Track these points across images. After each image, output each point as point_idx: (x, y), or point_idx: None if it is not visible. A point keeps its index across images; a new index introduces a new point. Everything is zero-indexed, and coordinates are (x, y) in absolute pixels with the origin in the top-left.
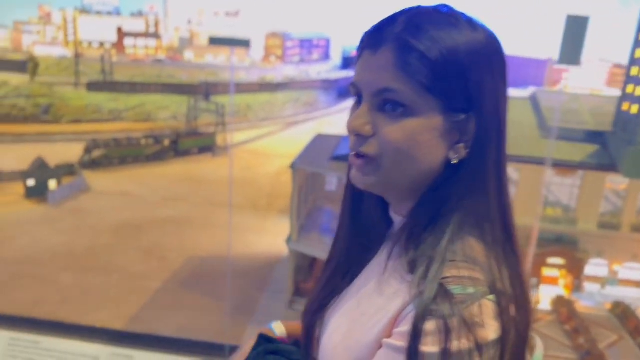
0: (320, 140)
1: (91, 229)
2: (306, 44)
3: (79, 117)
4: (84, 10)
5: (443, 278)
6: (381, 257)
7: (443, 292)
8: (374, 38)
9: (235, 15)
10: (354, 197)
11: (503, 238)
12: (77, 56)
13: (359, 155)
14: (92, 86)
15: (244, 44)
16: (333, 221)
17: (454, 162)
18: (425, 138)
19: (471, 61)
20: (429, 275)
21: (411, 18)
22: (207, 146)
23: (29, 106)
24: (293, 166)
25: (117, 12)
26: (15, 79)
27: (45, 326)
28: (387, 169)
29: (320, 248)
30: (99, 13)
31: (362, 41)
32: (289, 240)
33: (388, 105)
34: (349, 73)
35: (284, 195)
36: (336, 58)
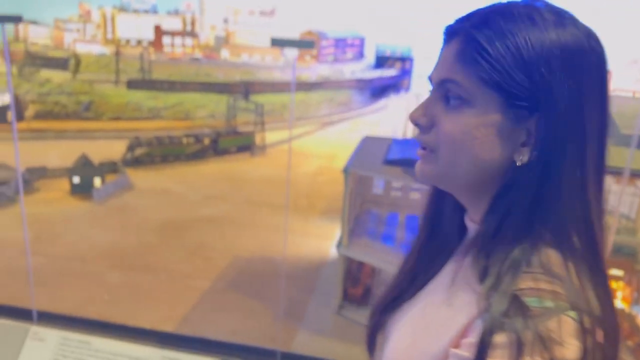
0: (369, 143)
1: (136, 227)
2: (341, 43)
3: (119, 115)
4: (122, 9)
5: (517, 289)
6: (451, 266)
7: (517, 304)
8: (447, 31)
9: (270, 14)
10: (436, 202)
11: (587, 253)
12: (117, 54)
13: (422, 147)
14: (132, 84)
15: (308, 45)
16: (381, 226)
17: (518, 164)
18: (481, 133)
19: (542, 59)
20: (501, 286)
21: (486, 12)
22: (245, 145)
23: (70, 103)
24: (345, 170)
25: (154, 10)
26: (58, 76)
27: (96, 326)
28: (444, 160)
29: (371, 254)
30: (136, 11)
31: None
32: (339, 245)
33: (448, 96)
34: (383, 72)
35: (324, 196)
36: (370, 57)
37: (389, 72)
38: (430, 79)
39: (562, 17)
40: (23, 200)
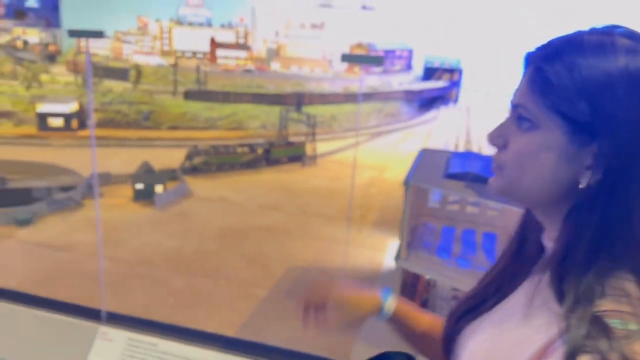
0: (428, 156)
1: (196, 233)
2: (389, 55)
3: (177, 124)
4: (179, 22)
5: (599, 311)
6: (529, 285)
7: (599, 326)
8: (525, 58)
9: (320, 27)
10: (526, 219)
11: None
12: (174, 66)
13: (494, 164)
14: (189, 95)
15: (377, 61)
16: (437, 239)
17: (581, 186)
18: (545, 155)
19: (606, 88)
20: (581, 308)
21: (560, 42)
22: (296, 155)
23: (131, 112)
24: (406, 182)
25: (209, 24)
26: (119, 86)
27: (162, 329)
28: (509, 176)
29: (429, 267)
30: (191, 24)
31: None
32: (397, 257)
33: (520, 119)
34: (431, 84)
35: (376, 207)
36: (418, 69)
37: (438, 84)
38: (511, 101)
39: (638, 42)
40: (98, 206)
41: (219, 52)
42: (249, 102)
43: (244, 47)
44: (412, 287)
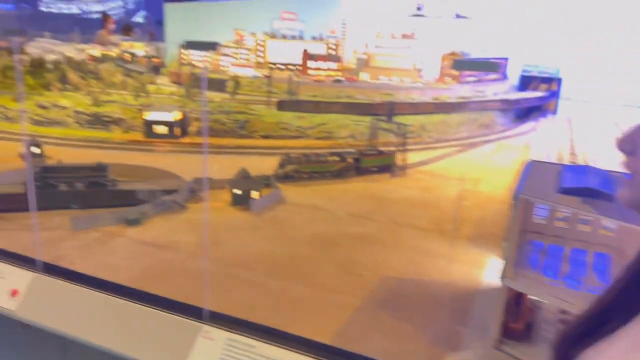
0: (537, 168)
1: (290, 239)
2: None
3: (269, 133)
4: (273, 35)
5: None
6: None
7: None
8: None
9: (411, 37)
10: None
11: None
12: (268, 77)
13: (624, 172)
14: (281, 105)
15: (492, 67)
16: (543, 258)
17: None
18: None
19: None
20: None
21: None
22: (386, 165)
23: (228, 121)
24: (516, 196)
25: (301, 36)
26: (217, 97)
27: (261, 331)
28: (637, 186)
29: (537, 287)
30: (284, 37)
31: None
32: (503, 276)
33: None
34: (528, 94)
35: (470, 221)
36: (513, 78)
37: (535, 94)
38: None
39: None
40: (207, 209)
41: (310, 64)
42: (338, 111)
43: (334, 58)
44: (515, 308)
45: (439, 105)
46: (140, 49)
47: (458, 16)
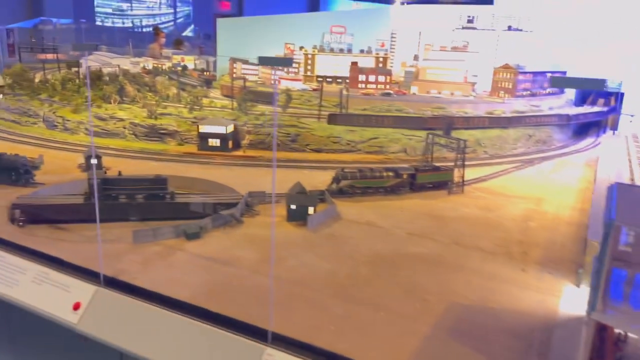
0: (625, 192)
1: (349, 257)
2: (539, 78)
3: (320, 147)
4: (322, 49)
5: None
6: None
7: None
8: None
9: (463, 49)
10: None
11: None
12: (318, 90)
13: None
14: (332, 118)
15: (596, 85)
16: (632, 288)
17: None
18: None
19: None
20: None
21: None
22: (443, 182)
23: (280, 134)
24: (609, 223)
25: (349, 50)
26: (270, 109)
27: (326, 356)
28: None
29: (633, 323)
30: (332, 50)
31: None
32: (590, 309)
33: None
34: (586, 109)
35: (539, 244)
36: (570, 92)
37: (594, 109)
38: None
39: None
40: (274, 226)
41: (360, 77)
42: (390, 125)
43: (384, 71)
44: (599, 342)
45: (494, 119)
46: (190, 62)
47: (510, 28)
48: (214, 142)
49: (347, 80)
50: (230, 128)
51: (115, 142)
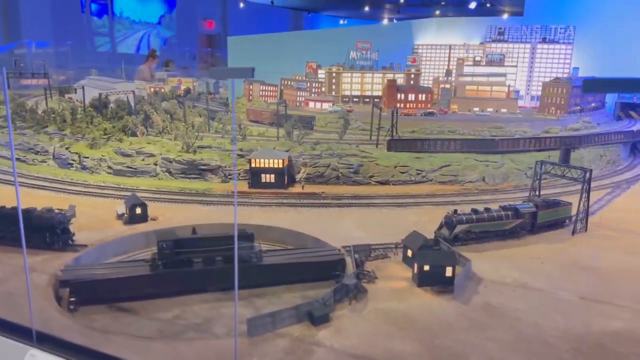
0: None
1: (542, 343)
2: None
3: (387, 178)
4: (345, 66)
5: None
6: None
7: None
8: None
9: (499, 63)
10: None
11: None
12: (352, 111)
13: None
14: (392, 144)
15: None
16: None
17: None
18: None
19: None
20: None
21: None
22: (561, 219)
23: (341, 166)
24: None
25: (374, 67)
26: (324, 137)
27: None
28: None
29: None
30: (353, 67)
31: None
32: None
33: None
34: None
35: None
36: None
37: None
38: None
39: None
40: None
41: (399, 95)
42: (457, 150)
43: (424, 89)
44: None
45: (565, 139)
46: (188, 84)
47: (545, 40)
48: (269, 177)
49: (376, 100)
50: (285, 161)
51: (146, 181)
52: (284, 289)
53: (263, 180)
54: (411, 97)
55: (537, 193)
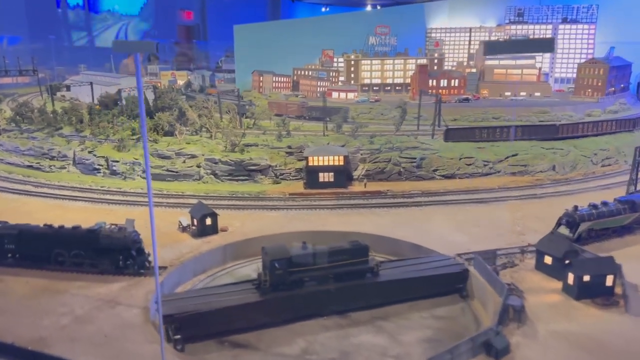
0: None
1: None
2: (622, 71)
3: (452, 172)
4: (364, 53)
5: None
6: None
7: None
8: None
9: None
10: None
11: None
12: (379, 100)
13: None
14: (449, 134)
15: None
16: None
17: None
18: None
19: None
20: None
21: None
22: None
23: (403, 160)
24: None
25: (394, 52)
26: (379, 129)
27: None
28: None
29: None
30: (376, 54)
31: None
32: None
33: None
34: None
35: None
36: None
37: None
38: None
39: None
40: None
41: (430, 82)
42: (519, 138)
43: (457, 74)
44: None
45: (621, 122)
46: (183, 77)
47: (565, 20)
48: (327, 176)
49: (408, 87)
50: (343, 157)
51: (190, 186)
52: (406, 308)
53: (321, 179)
54: (443, 83)
55: (635, 185)
